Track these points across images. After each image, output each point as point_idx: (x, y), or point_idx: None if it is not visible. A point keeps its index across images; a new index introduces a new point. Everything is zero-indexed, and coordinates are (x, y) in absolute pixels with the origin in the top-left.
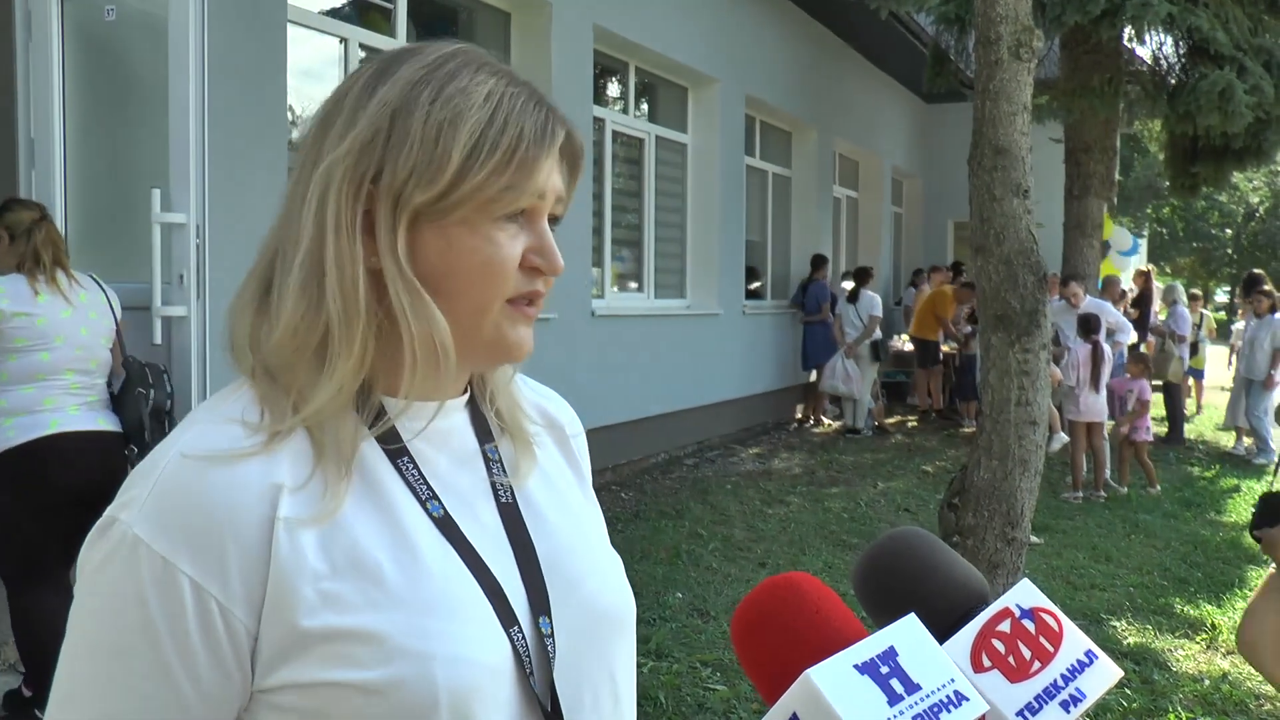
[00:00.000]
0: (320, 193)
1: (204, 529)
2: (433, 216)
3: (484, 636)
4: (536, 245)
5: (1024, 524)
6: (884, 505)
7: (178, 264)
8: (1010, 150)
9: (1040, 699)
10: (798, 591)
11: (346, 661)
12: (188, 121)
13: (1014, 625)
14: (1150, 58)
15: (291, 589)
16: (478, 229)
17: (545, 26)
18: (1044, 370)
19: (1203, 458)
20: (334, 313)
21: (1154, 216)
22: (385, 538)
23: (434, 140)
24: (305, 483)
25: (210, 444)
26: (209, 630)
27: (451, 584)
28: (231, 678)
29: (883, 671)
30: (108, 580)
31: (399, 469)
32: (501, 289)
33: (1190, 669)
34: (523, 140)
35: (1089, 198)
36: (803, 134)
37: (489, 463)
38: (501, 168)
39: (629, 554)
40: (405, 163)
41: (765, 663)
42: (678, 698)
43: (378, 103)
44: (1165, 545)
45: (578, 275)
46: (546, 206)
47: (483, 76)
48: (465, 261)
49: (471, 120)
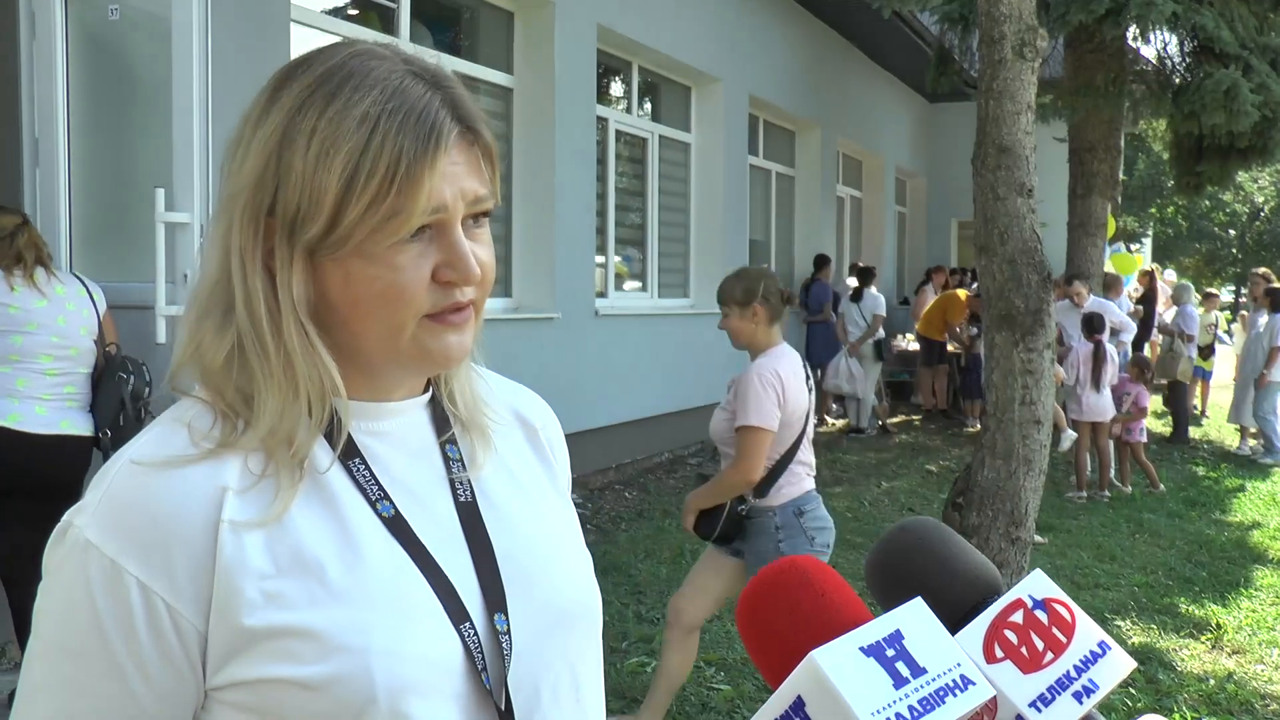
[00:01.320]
0: (225, 226)
1: (150, 531)
2: (327, 250)
3: (428, 633)
4: (446, 259)
5: (1028, 523)
6: (888, 505)
7: (181, 263)
8: (1014, 149)
9: (1053, 690)
10: (803, 574)
11: (287, 658)
12: (191, 121)
13: (1027, 616)
14: (1155, 57)
15: (236, 589)
16: (375, 258)
17: (549, 26)
18: (1048, 370)
19: (1207, 457)
20: (249, 347)
21: (1158, 216)
22: (331, 537)
23: (312, 173)
24: (253, 485)
25: (158, 450)
26: (158, 630)
27: (397, 582)
28: (183, 676)
29: (888, 654)
30: (62, 582)
31: (349, 470)
32: (410, 310)
33: (1195, 669)
34: (401, 161)
35: (1093, 197)
36: (806, 133)
37: (448, 460)
38: (382, 194)
39: (633, 553)
40: (292, 198)
41: (770, 645)
42: (682, 697)
43: (265, 134)
44: (1170, 545)
45: (581, 275)
46: (453, 217)
47: (361, 93)
48: (366, 290)
49: (345, 149)
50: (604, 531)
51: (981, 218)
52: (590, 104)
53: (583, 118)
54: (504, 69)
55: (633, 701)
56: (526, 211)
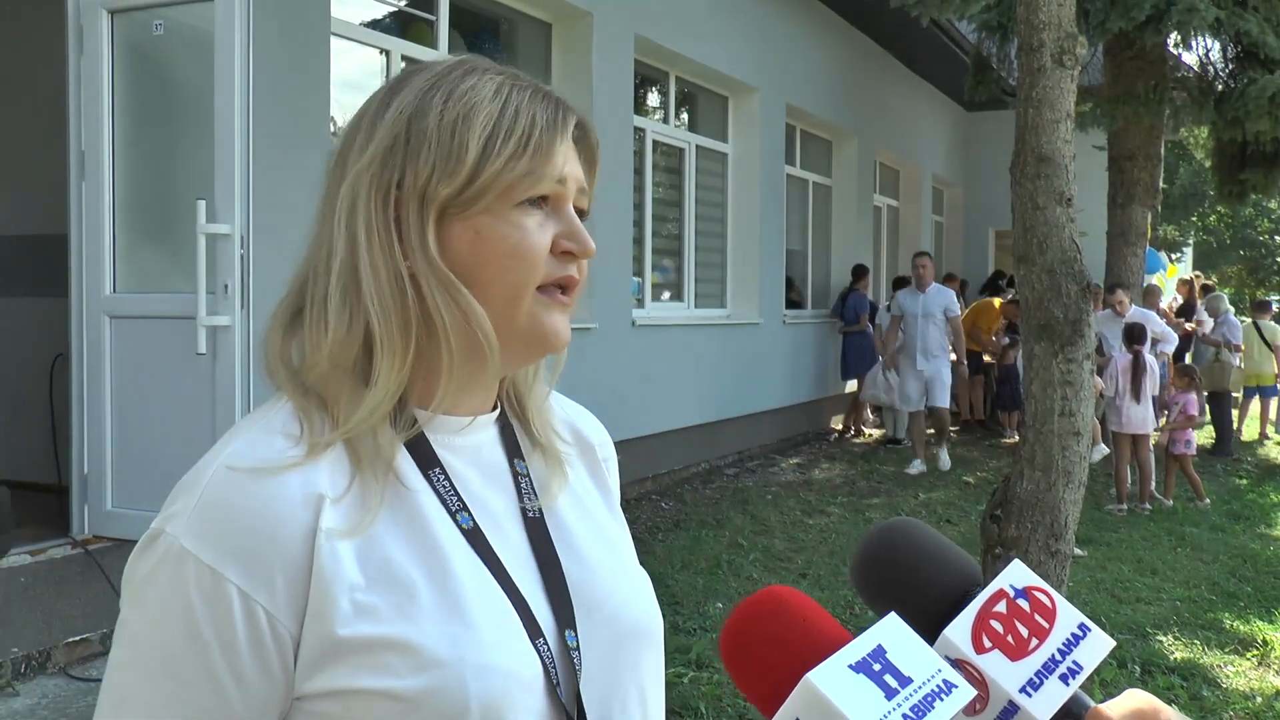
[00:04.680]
0: (349, 205)
1: (249, 539)
2: (458, 209)
3: (513, 647)
4: (565, 230)
5: (1068, 536)
6: (925, 516)
7: (222, 274)
8: (1053, 158)
9: (1040, 674)
10: (783, 603)
11: (381, 670)
12: (233, 134)
13: (1010, 605)
14: (1196, 63)
15: (330, 598)
16: (504, 216)
17: (586, 37)
18: (1088, 381)
19: (1252, 470)
20: (375, 317)
21: (1200, 224)
22: (417, 549)
23: (450, 135)
24: (344, 493)
25: (254, 456)
26: (256, 637)
27: (481, 595)
28: (276, 683)
29: (875, 669)
30: (156, 592)
31: (430, 480)
32: (533, 273)
33: (1241, 686)
34: (535, 126)
35: (1133, 205)
36: (843, 143)
37: (517, 479)
38: (518, 153)
39: (670, 564)
40: (426, 162)
41: (760, 676)
42: (718, 708)
43: (393, 112)
44: (1213, 559)
45: (618, 285)
46: (570, 193)
47: (490, 77)
48: (495, 249)
49: (484, 113)
50: (641, 542)
51: (1020, 227)
52: (628, 114)
53: (620, 128)
54: (542, 80)
55: (670, 713)
56: None
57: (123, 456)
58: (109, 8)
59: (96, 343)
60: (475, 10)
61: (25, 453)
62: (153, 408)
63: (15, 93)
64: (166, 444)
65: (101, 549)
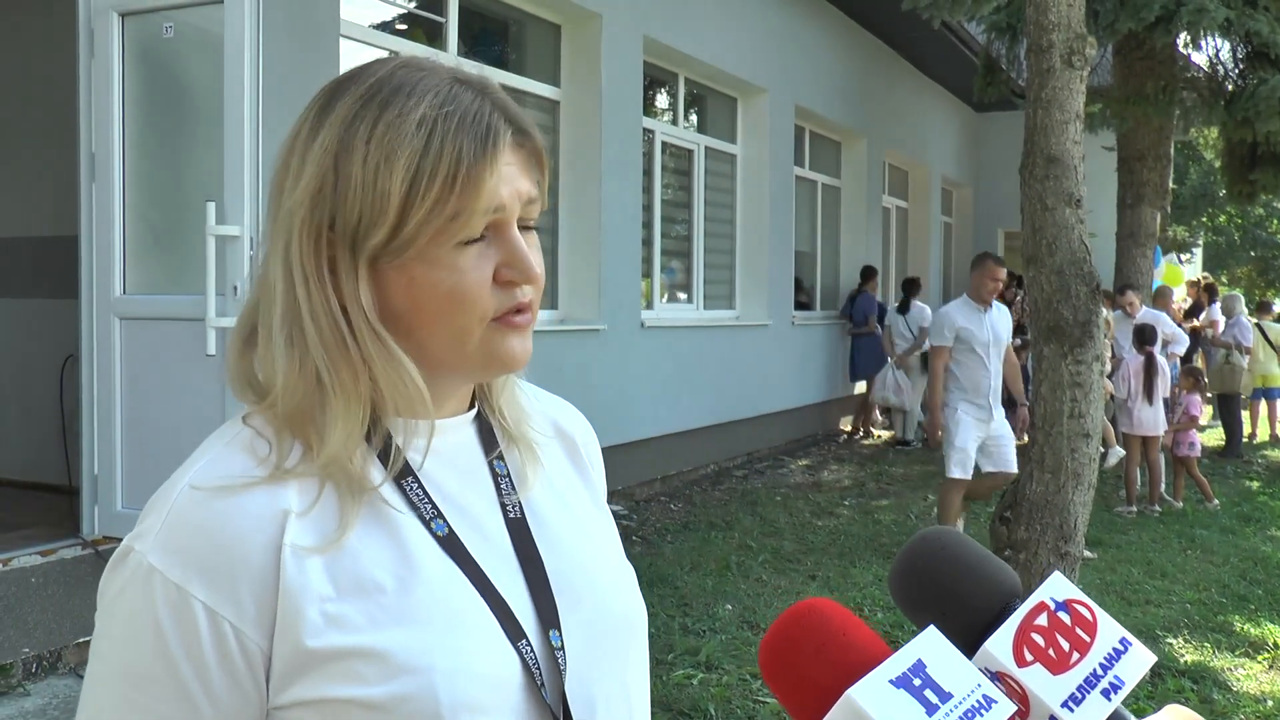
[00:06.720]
0: (284, 242)
1: (214, 556)
2: (390, 256)
3: (488, 650)
4: (506, 258)
5: (1077, 538)
6: (934, 518)
7: (231, 276)
8: (1062, 159)
9: (1082, 689)
10: (823, 616)
11: (352, 679)
12: (242, 135)
13: (1050, 618)
14: (1206, 63)
15: (298, 611)
16: (437, 260)
17: (595, 38)
18: (1097, 382)
19: (1262, 472)
20: (322, 365)
21: (1210, 225)
22: (389, 558)
23: (373, 182)
24: (311, 507)
25: (218, 474)
26: (224, 652)
27: (454, 600)
28: (248, 697)
29: (915, 684)
30: (125, 608)
31: (403, 490)
32: (476, 313)
33: (1252, 689)
34: (461, 163)
35: (1142, 206)
36: (852, 144)
37: (497, 478)
38: (444, 196)
39: (679, 565)
40: (353, 208)
41: (800, 688)
42: (728, 710)
43: (319, 147)
44: (1224, 561)
45: (627, 286)
46: (510, 216)
47: (415, 100)
48: (432, 294)
49: (406, 153)
50: (649, 543)
51: (1029, 228)
52: (636, 116)
53: (629, 130)
54: (551, 82)
55: (679, 714)
56: (573, 223)
57: (133, 457)
58: (120, 10)
59: (106, 344)
60: (484, 12)
61: (36, 453)
62: (162, 409)
63: (26, 95)
64: (177, 445)
65: (112, 550)
